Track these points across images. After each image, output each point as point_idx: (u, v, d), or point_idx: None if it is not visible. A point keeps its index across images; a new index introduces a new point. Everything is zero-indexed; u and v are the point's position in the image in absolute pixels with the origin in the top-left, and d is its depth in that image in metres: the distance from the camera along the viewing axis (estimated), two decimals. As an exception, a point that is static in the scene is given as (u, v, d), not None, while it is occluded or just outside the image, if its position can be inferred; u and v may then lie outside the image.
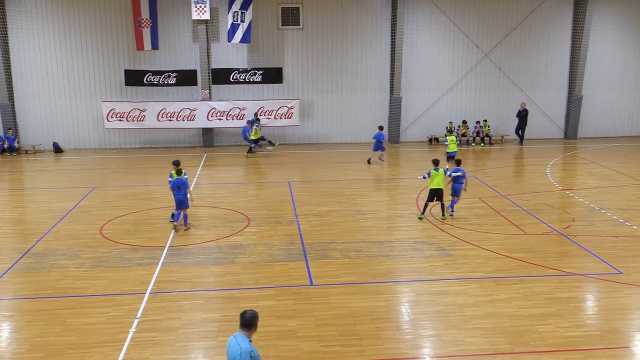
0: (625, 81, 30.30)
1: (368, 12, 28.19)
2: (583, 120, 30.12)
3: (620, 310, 11.46)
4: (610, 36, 29.67)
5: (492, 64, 29.22)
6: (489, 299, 11.87)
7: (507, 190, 20.28)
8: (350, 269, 13.40)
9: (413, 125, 29.36)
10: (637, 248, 14.73)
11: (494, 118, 29.56)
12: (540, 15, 29.00)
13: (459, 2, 28.39)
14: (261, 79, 28.09)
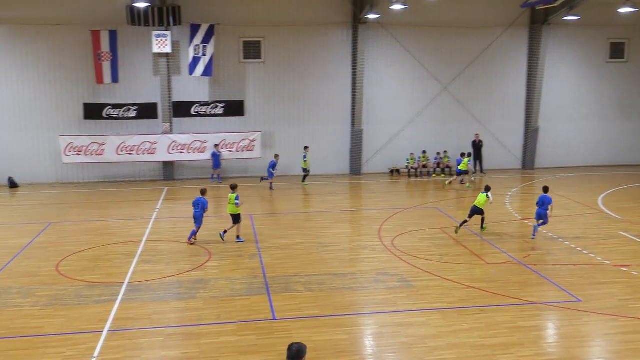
0: (579, 113, 31.18)
1: (329, 46, 28.55)
2: (540, 151, 30.80)
3: (580, 338, 11.59)
4: (564, 70, 30.60)
5: (451, 97, 29.77)
6: (451, 329, 11.88)
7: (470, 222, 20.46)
8: (313, 302, 13.29)
9: (374, 157, 29.61)
10: (594, 276, 14.98)
11: (453, 149, 29.99)
12: (496, 49, 29.77)
13: (418, 36, 28.98)
14: (223, 112, 28.07)
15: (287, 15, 27.94)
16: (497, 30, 29.64)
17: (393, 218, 20.87)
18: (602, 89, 31.22)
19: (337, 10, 28.27)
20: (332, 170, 29.01)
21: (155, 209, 22.38)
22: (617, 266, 15.70)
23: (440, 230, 19.25)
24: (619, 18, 28.38)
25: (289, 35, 28.10)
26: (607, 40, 30.83)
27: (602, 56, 30.99)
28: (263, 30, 27.96)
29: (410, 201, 24.22)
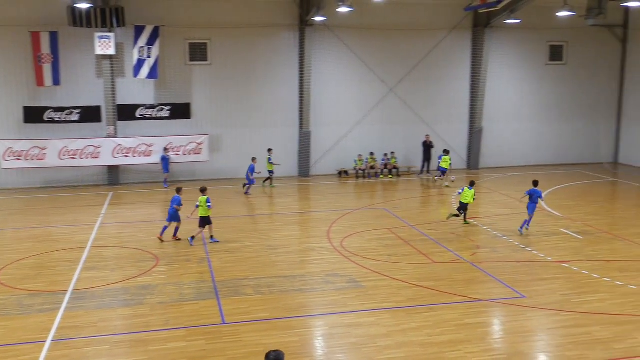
0: (521, 114, 32.00)
1: (276, 48, 28.50)
2: (484, 151, 31.47)
3: (524, 333, 11.89)
4: (506, 71, 31.36)
5: (397, 98, 30.12)
6: (400, 328, 12.02)
7: (415, 220, 20.77)
8: (262, 305, 13.23)
9: (322, 159, 29.70)
10: (537, 272, 15.39)
11: (400, 150, 30.35)
12: (441, 51, 30.27)
13: (365, 39, 29.22)
14: (169, 115, 27.65)
15: (234, 17, 27.77)
16: (442, 32, 30.16)
17: (342, 219, 20.98)
18: (542, 90, 32.13)
19: (284, 13, 28.25)
20: (280, 173, 28.89)
21: (100, 214, 21.89)
22: (559, 262, 16.17)
23: (389, 230, 19.45)
24: (557, 21, 29.25)
25: (235, 37, 27.92)
26: (546, 43, 31.75)
27: (542, 58, 31.89)
28: (209, 32, 27.70)
29: (359, 202, 24.39)
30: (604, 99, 32.96)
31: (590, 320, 12.36)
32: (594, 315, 12.62)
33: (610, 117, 33.22)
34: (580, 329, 11.96)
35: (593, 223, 20.20)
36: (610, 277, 14.99)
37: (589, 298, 13.62)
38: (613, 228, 19.68)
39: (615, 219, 21.12)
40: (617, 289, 14.21)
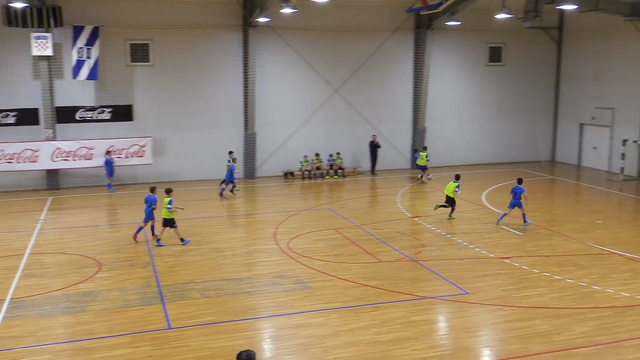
0: (462, 114, 32.68)
1: (220, 49, 28.26)
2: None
3: (468, 329, 12.15)
4: (447, 72, 31.98)
5: (342, 99, 30.31)
6: (347, 328, 12.10)
7: (361, 220, 20.94)
8: (209, 309, 13.11)
9: (268, 160, 29.61)
10: (480, 269, 15.75)
11: (346, 151, 30.55)
12: (384, 52, 30.61)
13: (309, 40, 29.29)
14: (110, 117, 27.06)
15: (176, 17, 27.40)
16: (384, 34, 30.51)
17: (288, 220, 20.97)
18: (482, 90, 32.89)
19: (227, 13, 28.05)
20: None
21: (39, 220, 21.25)
22: (501, 258, 16.59)
23: (335, 230, 19.54)
24: (496, 24, 29.95)
25: (178, 38, 27.54)
26: (486, 44, 32.52)
27: (482, 59, 32.65)
28: (151, 32, 27.24)
29: (305, 203, 24.43)
30: (542, 99, 34.00)
31: (531, 314, 12.73)
32: (534, 309, 13.00)
33: (548, 116, 34.28)
34: (521, 323, 12.29)
35: (532, 219, 20.78)
36: (550, 271, 15.46)
37: (529, 293, 14.02)
38: (551, 224, 20.30)
39: (553, 215, 21.79)
40: (555, 283, 14.67)
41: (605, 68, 30.60)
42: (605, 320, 12.43)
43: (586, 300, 13.55)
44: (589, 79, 31.71)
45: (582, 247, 17.71)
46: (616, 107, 30.13)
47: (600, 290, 14.16)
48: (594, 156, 31.83)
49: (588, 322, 12.31)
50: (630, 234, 19.42)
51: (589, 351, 11.04)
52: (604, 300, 13.57)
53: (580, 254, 16.98)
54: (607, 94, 30.57)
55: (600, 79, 30.99)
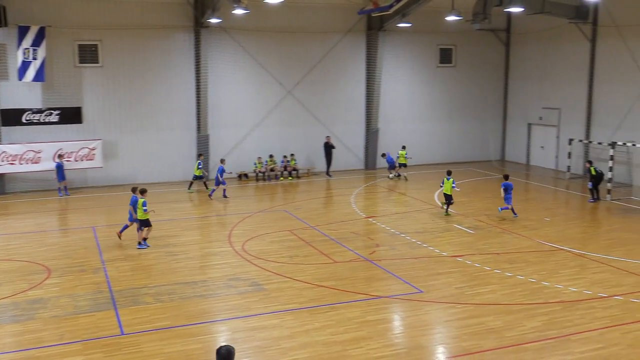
0: (414, 115, 33.09)
1: (172, 50, 27.92)
2: (380, 152, 32.23)
3: (422, 327, 12.30)
4: (399, 74, 32.33)
5: (295, 100, 30.32)
6: (303, 329, 12.10)
7: (315, 221, 20.98)
8: (163, 314, 12.93)
9: (222, 162, 29.38)
10: (433, 267, 15.97)
11: (300, 152, 30.56)
12: (337, 54, 30.77)
13: (261, 41, 29.20)
14: (58, 120, 26.44)
15: (126, 18, 26.95)
16: (337, 35, 30.66)
17: (243, 222, 20.86)
18: (434, 91, 33.38)
19: (178, 14, 27.73)
20: (178, 177, 28.37)
21: (-15, 226, 20.60)
22: (453, 257, 16.85)
23: (290, 232, 19.53)
24: (446, 26, 30.48)
25: (128, 38, 27.10)
26: (437, 46, 33.01)
27: (433, 61, 33.13)
28: (100, 33, 26.72)
29: (259, 205, 24.33)
30: (491, 99, 34.69)
31: (483, 311, 12.97)
32: (486, 306, 13.25)
33: (497, 116, 35.00)
34: (474, 320, 12.51)
35: (484, 218, 21.19)
36: (501, 268, 15.79)
37: (481, 290, 14.28)
38: (502, 222, 20.72)
39: (503, 213, 22.22)
40: (506, 279, 14.99)
41: (552, 69, 31.44)
42: (555, 315, 12.76)
43: (536, 296, 13.89)
44: (536, 79, 32.52)
45: (532, 244, 18.14)
46: (562, 107, 30.99)
47: (549, 286, 14.53)
48: (542, 155, 32.65)
49: (538, 317, 12.61)
50: (577, 231, 20.00)
51: (539, 346, 11.31)
52: (553, 295, 13.93)
53: (530, 251, 17.39)
54: (554, 95, 31.42)
55: (546, 79, 31.83)
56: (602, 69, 28.48)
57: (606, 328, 12.08)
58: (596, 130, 28.98)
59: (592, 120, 29.21)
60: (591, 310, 13.00)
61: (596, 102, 29.02)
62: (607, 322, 12.36)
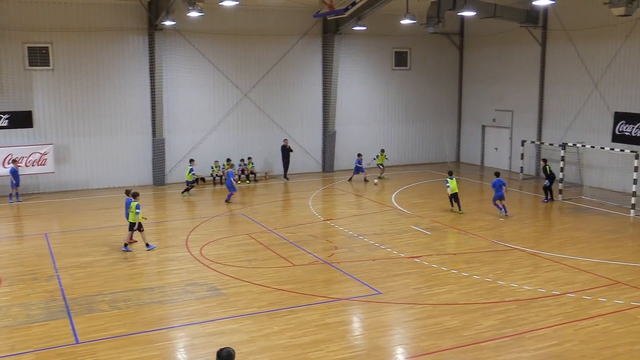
0: (371, 117, 33.33)
1: (125, 52, 27.48)
2: (338, 154, 32.40)
3: (381, 328, 12.38)
4: (355, 76, 32.52)
5: (252, 103, 30.19)
6: (263, 333, 12.04)
7: (273, 224, 20.92)
8: (119, 321, 12.69)
9: (178, 166, 29.05)
10: (391, 269, 16.08)
11: (258, 155, 30.45)
12: (293, 56, 30.77)
13: (217, 44, 29.00)
14: (7, 124, 25.70)
15: (77, 20, 26.41)
16: (293, 38, 30.67)
17: (200, 227, 20.66)
18: (389, 94, 33.67)
19: (132, 16, 27.32)
20: (134, 182, 27.95)
21: None
22: (411, 258, 17.01)
23: (248, 235, 19.43)
24: (401, 29, 30.86)
25: (80, 41, 26.56)
26: (392, 49, 33.32)
27: (388, 64, 33.42)
28: (50, 35, 26.13)
29: (217, 209, 24.13)
30: (446, 101, 35.19)
31: (440, 311, 13.12)
32: (444, 306, 13.41)
33: (452, 118, 35.51)
34: (432, 320, 12.65)
35: (440, 219, 21.45)
36: (457, 269, 16.01)
37: (439, 290, 14.45)
38: (457, 223, 21.02)
39: (458, 214, 22.55)
40: (463, 279, 15.20)
41: (504, 72, 32.08)
42: (510, 313, 13.00)
43: (492, 295, 14.12)
44: (489, 82, 33.13)
45: (487, 244, 18.45)
46: (515, 109, 31.62)
47: (504, 284, 14.80)
48: (496, 156, 33.26)
49: (494, 316, 12.83)
50: (530, 230, 20.42)
51: (495, 344, 11.50)
52: (509, 294, 14.18)
53: (485, 251, 17.68)
54: (506, 97, 32.05)
55: (499, 82, 32.45)
56: (553, 71, 29.19)
57: (560, 325, 12.37)
58: (547, 132, 29.67)
59: (544, 121, 29.90)
60: (545, 308, 13.28)
61: (547, 104, 29.72)
62: (560, 319, 12.65)
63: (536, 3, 21.78)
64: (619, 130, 24.72)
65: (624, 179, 24.97)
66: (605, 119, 26.25)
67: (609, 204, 23.78)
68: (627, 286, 14.63)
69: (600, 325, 12.37)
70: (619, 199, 24.09)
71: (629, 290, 14.38)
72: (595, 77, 26.81)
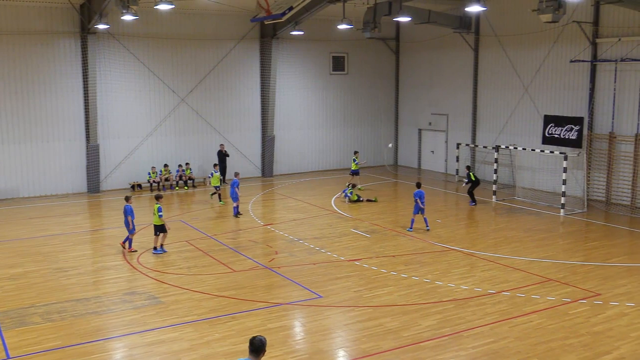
0: (309, 121, 33.45)
1: (57, 56, 26.64)
2: (277, 159, 32.36)
3: (323, 332, 12.43)
4: (294, 81, 32.58)
5: (189, 108, 29.83)
6: (204, 340, 11.91)
7: (213, 230, 20.72)
8: (54, 333, 12.30)
9: (114, 173, 28.40)
10: (332, 272, 16.18)
11: (195, 161, 30.11)
12: (231, 61, 30.57)
13: (153, 48, 28.51)
14: None
15: (6, 23, 25.42)
16: (230, 43, 30.48)
17: (137, 235, 20.21)
18: (327, 99, 33.89)
19: (63, 19, 26.54)
20: (67, 189, 27.18)
21: None
22: (351, 261, 17.15)
23: (187, 242, 19.17)
24: (338, 34, 31.13)
25: (9, 44, 25.59)
26: (329, 54, 33.55)
27: (326, 69, 33.63)
28: (-24, 38, 25.17)
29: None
30: (383, 105, 35.67)
31: (381, 313, 13.28)
32: (384, 308, 13.58)
33: (389, 122, 36.02)
34: (372, 322, 12.79)
35: (379, 222, 21.72)
36: (396, 270, 16.24)
37: (379, 292, 14.63)
38: (396, 225, 21.33)
39: (397, 216, 22.90)
40: (402, 281, 15.43)
41: (439, 76, 32.79)
42: (448, 313, 13.28)
43: (430, 295, 14.39)
44: (425, 86, 33.79)
45: (425, 245, 18.79)
46: (450, 113, 32.35)
47: (442, 285, 15.11)
48: (432, 159, 33.93)
49: (433, 316, 13.08)
50: (466, 231, 20.93)
51: (434, 343, 11.72)
52: (446, 294, 14.49)
53: (423, 252, 18.01)
54: (442, 101, 32.76)
55: (435, 86, 33.14)
56: (485, 76, 30.03)
57: (496, 323, 12.72)
58: (482, 135, 30.48)
59: (478, 125, 30.70)
60: (482, 307, 13.63)
61: (481, 108, 30.54)
62: (496, 317, 13.01)
63: (469, 9, 22.39)
64: (549, 133, 25.63)
65: (554, 180, 25.93)
66: (535, 122, 27.17)
67: (540, 204, 24.62)
68: (558, 283, 15.19)
69: (534, 321, 12.79)
70: (549, 199, 24.97)
71: (560, 287, 14.92)
72: (525, 82, 27.72)
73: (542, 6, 18.08)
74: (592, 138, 24.78)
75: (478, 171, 29.29)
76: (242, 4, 27.46)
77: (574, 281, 15.31)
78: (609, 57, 23.96)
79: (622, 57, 23.44)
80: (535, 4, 18.48)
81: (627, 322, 12.71)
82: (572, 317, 13.03)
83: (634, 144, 23.24)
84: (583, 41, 24.73)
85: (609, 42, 23.88)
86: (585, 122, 24.63)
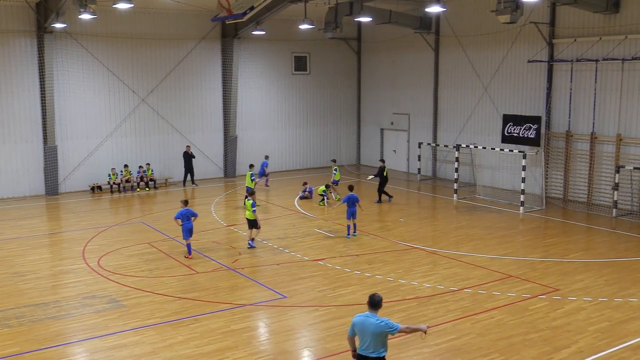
0: (272, 121, 33.36)
1: (12, 56, 25.97)
2: (240, 159, 32.16)
3: (287, 332, 12.41)
4: (256, 81, 32.44)
5: (150, 109, 29.45)
6: (167, 343, 11.77)
7: (175, 232, 20.45)
8: (11, 339, 12.01)
9: (72, 175, 27.86)
10: (296, 272, 16.16)
11: (157, 162, 29.74)
12: (192, 61, 30.29)
13: (112, 47, 28.07)
14: None
15: (-43, 21, 24.84)
16: (191, 42, 30.19)
17: (97, 237, 19.91)
18: (290, 99, 33.84)
19: (18, 18, 25.91)
20: (24, 192, 26.57)
21: None
22: (315, 261, 17.16)
23: (149, 244, 18.93)
24: (300, 34, 31.11)
25: (-40, 43, 24.98)
26: (291, 54, 33.51)
27: (288, 68, 33.57)
28: None
29: (115, 218, 23.36)
30: (346, 105, 35.79)
31: (345, 312, 13.31)
32: (348, 307, 13.62)
33: (352, 122, 36.16)
34: (337, 321, 12.81)
35: (342, 221, 21.76)
36: (360, 269, 16.31)
37: (343, 291, 14.66)
38: (359, 225, 21.37)
39: (360, 215, 22.93)
40: (366, 280, 15.50)
41: (400, 76, 33.04)
42: (411, 310, 13.39)
43: (394, 293, 14.49)
44: (387, 86, 34.01)
45: (388, 244, 18.92)
46: (411, 113, 32.63)
47: (405, 283, 15.23)
48: (395, 159, 34.15)
49: (396, 314, 13.16)
50: (429, 230, 21.14)
51: (398, 341, 11.78)
52: (410, 292, 14.61)
53: (386, 251, 18.13)
54: (403, 101, 33.02)
55: (396, 86, 33.38)
56: (446, 76, 30.37)
57: (458, 319, 12.88)
58: (442, 134, 30.82)
59: (439, 124, 31.04)
60: (444, 304, 13.79)
61: (441, 108, 30.87)
62: (458, 314, 13.17)
63: (429, 10, 22.58)
64: (508, 132, 26.06)
65: (513, 178, 26.38)
66: (495, 121, 27.59)
67: (500, 202, 25.02)
68: (518, 279, 15.45)
69: (496, 317, 12.99)
70: (509, 197, 25.39)
71: (520, 283, 15.19)
72: (484, 82, 28.13)
73: (500, 7, 18.39)
74: (549, 137, 25.29)
75: (439, 170, 29.64)
76: (202, 4, 27.21)
77: (534, 277, 15.60)
78: (565, 57, 24.48)
79: (577, 58, 23.98)
80: (494, 4, 18.77)
81: (584, 317, 13.01)
82: (532, 312, 13.27)
83: (590, 142, 23.80)
84: (540, 42, 25.22)
85: (565, 42, 24.41)
86: (543, 121, 25.12)
